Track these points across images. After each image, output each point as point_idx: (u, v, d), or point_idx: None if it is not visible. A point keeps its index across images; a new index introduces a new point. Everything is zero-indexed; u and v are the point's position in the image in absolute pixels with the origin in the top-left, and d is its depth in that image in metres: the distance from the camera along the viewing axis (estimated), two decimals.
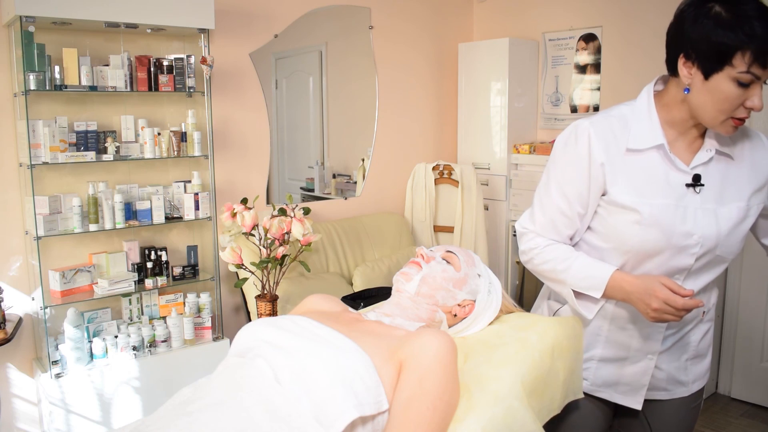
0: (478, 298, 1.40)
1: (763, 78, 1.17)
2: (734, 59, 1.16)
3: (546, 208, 1.39)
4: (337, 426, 1.03)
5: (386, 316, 1.35)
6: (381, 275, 3.29)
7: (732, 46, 1.15)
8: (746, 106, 1.20)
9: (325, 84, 3.59)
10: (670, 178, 1.29)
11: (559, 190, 1.36)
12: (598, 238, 1.39)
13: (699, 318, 1.45)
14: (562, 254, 1.37)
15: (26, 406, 2.71)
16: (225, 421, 1.04)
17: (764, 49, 1.14)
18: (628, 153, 1.30)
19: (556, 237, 1.40)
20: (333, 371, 1.08)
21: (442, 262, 1.39)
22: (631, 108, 1.35)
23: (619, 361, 1.46)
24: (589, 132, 1.31)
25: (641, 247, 1.31)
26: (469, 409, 1.14)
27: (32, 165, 2.48)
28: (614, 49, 3.51)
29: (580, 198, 1.34)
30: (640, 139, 1.30)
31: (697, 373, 1.51)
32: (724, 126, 1.24)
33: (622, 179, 1.30)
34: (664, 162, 1.30)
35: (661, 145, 1.29)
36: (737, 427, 2.97)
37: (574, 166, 1.33)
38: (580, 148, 1.32)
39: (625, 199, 1.29)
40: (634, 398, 1.47)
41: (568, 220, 1.37)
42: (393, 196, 3.88)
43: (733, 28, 1.15)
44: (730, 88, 1.18)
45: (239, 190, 3.22)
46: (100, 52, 2.72)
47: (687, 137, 1.33)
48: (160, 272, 2.82)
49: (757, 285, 3.12)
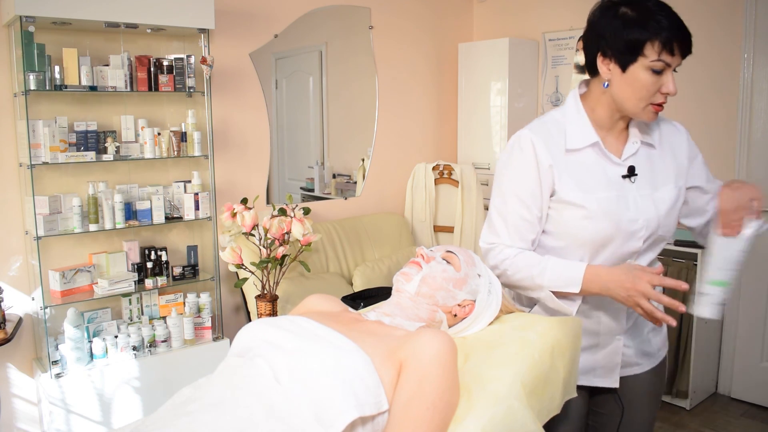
0: (478, 298, 1.40)
1: (673, 64, 1.31)
2: (645, 50, 1.29)
3: (507, 218, 1.45)
4: (337, 426, 1.03)
5: (386, 316, 1.35)
6: (381, 275, 3.29)
7: (641, 40, 1.29)
8: (662, 91, 1.33)
9: (325, 84, 3.59)
10: (608, 171, 1.41)
11: (515, 197, 1.44)
12: (552, 239, 1.47)
13: None
14: (533, 260, 1.43)
15: (26, 406, 2.71)
16: (225, 420, 1.04)
17: (669, 38, 1.28)
18: (567, 153, 1.41)
19: (522, 244, 1.46)
20: (333, 371, 1.08)
21: (442, 262, 1.39)
22: (561, 112, 1.46)
23: (592, 348, 1.54)
24: (532, 138, 1.40)
25: (594, 239, 1.40)
26: (469, 409, 1.14)
27: (32, 165, 2.48)
28: None
29: (536, 201, 1.42)
30: (576, 139, 1.41)
31: (659, 342, 1.60)
32: (646, 112, 1.36)
33: (567, 178, 1.40)
34: (601, 158, 1.41)
35: (596, 142, 1.41)
36: (737, 427, 2.97)
37: (525, 172, 1.41)
38: (527, 154, 1.41)
39: (572, 196, 1.39)
40: (610, 378, 1.55)
41: (529, 224, 1.44)
42: (393, 196, 3.88)
43: (640, 23, 1.29)
44: (645, 77, 1.31)
45: (239, 190, 3.22)
46: (100, 52, 2.72)
47: (614, 132, 1.44)
48: (160, 272, 2.82)
49: (757, 285, 3.12)
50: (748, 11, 3.01)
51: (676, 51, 1.30)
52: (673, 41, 1.29)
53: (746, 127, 3.08)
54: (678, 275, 3.06)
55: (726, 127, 3.15)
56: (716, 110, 3.17)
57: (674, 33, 1.28)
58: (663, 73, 1.31)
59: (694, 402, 3.14)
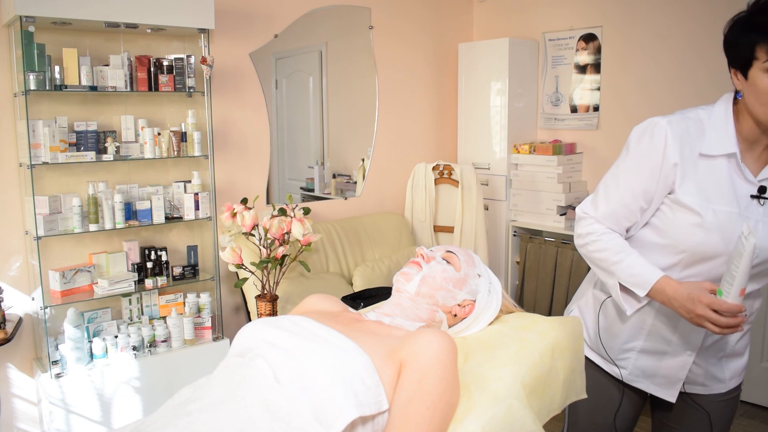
0: (478, 298, 1.40)
1: None
2: (757, 52, 1.22)
3: (611, 198, 1.41)
4: (337, 426, 1.03)
5: (386, 316, 1.35)
6: (381, 275, 3.29)
7: (751, 41, 1.22)
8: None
9: (325, 84, 3.59)
10: (736, 186, 1.32)
11: (627, 182, 1.39)
12: (655, 235, 1.41)
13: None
14: (617, 246, 1.40)
15: (26, 406, 2.71)
16: (225, 420, 1.04)
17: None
18: (700, 157, 1.33)
19: (614, 227, 1.42)
20: (333, 371, 1.08)
21: (442, 262, 1.39)
22: (708, 113, 1.37)
23: (659, 354, 1.49)
24: (666, 131, 1.33)
25: (698, 249, 1.34)
26: (469, 409, 1.14)
27: (32, 165, 2.48)
28: (614, 49, 3.51)
29: (646, 193, 1.37)
30: (714, 145, 1.32)
31: (734, 370, 1.54)
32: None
33: (691, 181, 1.33)
34: (734, 171, 1.32)
35: (733, 153, 1.32)
36: (737, 427, 2.97)
37: (647, 161, 1.35)
38: (656, 145, 1.34)
39: (690, 200, 1.32)
40: (669, 391, 1.51)
41: (629, 212, 1.40)
42: (393, 196, 3.88)
43: (749, 25, 1.24)
44: (764, 81, 1.22)
45: (239, 190, 3.22)
46: (100, 52, 2.72)
47: (757, 148, 1.35)
48: (160, 272, 2.82)
49: None
50: None
51: None
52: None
53: None
54: None
55: None
56: None
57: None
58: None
59: None
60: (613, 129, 3.56)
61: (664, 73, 3.32)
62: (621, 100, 3.49)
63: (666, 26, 3.28)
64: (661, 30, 3.30)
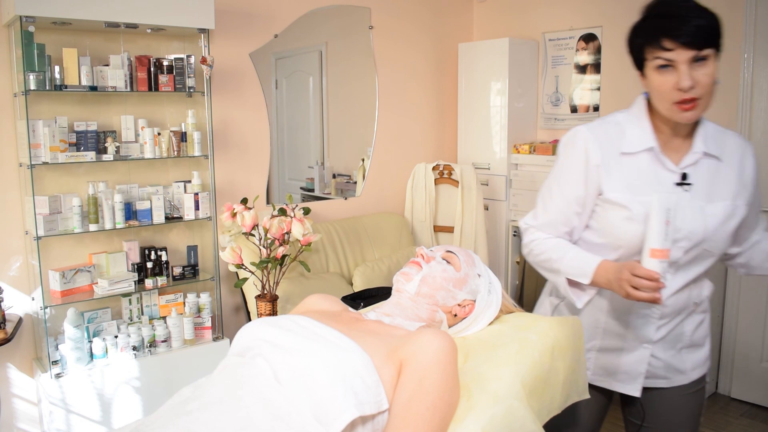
0: (478, 298, 1.40)
1: (678, 59, 1.28)
2: (645, 52, 1.34)
3: (548, 207, 1.51)
4: (337, 425, 1.03)
5: (386, 316, 1.35)
6: (381, 275, 3.29)
7: (640, 42, 1.35)
8: (675, 88, 1.30)
9: (325, 84, 3.59)
10: (660, 177, 1.40)
11: (559, 190, 1.48)
12: (595, 235, 1.49)
13: (691, 309, 1.51)
14: (557, 245, 1.49)
15: (26, 406, 2.71)
16: (225, 420, 1.04)
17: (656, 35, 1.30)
18: (622, 156, 1.41)
19: (555, 234, 1.51)
20: (333, 370, 1.08)
21: (442, 262, 1.39)
22: (626, 115, 1.47)
23: (617, 350, 1.54)
24: (586, 137, 1.42)
25: (632, 241, 1.40)
26: (469, 409, 1.14)
27: (32, 165, 2.48)
28: (614, 49, 3.51)
29: (578, 198, 1.45)
30: (633, 142, 1.41)
31: (695, 361, 1.57)
32: (674, 112, 1.34)
33: (616, 179, 1.41)
34: (655, 163, 1.40)
35: (652, 147, 1.40)
36: (737, 427, 2.97)
37: (573, 168, 1.45)
38: (578, 151, 1.43)
39: (617, 196, 1.40)
40: (632, 386, 1.54)
41: (566, 218, 1.48)
42: (393, 196, 3.88)
43: (639, 31, 1.36)
44: (655, 77, 1.34)
45: (239, 190, 3.22)
46: (100, 52, 2.72)
47: (677, 140, 1.42)
48: (160, 272, 2.82)
49: (757, 285, 3.12)
50: (748, 11, 3.01)
51: (671, 44, 1.28)
52: (661, 37, 1.29)
53: (746, 127, 3.08)
54: None
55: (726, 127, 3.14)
56: (716, 110, 3.17)
57: (660, 28, 1.29)
58: (674, 69, 1.30)
59: None
60: None
61: None
62: (621, 100, 3.49)
63: None
64: None
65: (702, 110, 1.34)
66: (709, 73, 1.29)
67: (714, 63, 1.30)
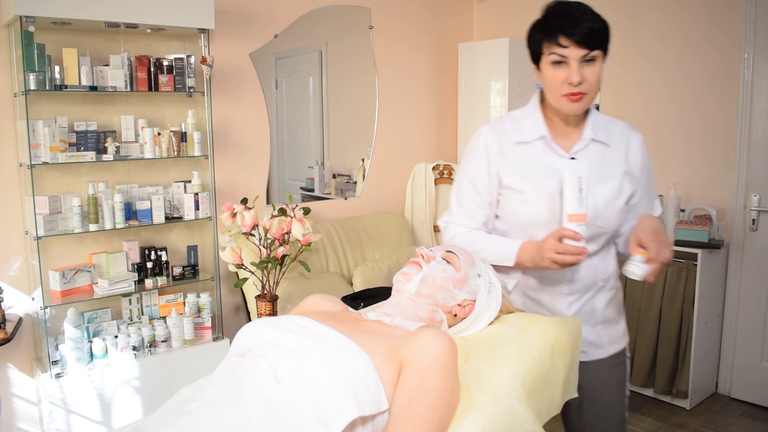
0: (478, 298, 1.40)
1: (571, 56, 1.42)
2: (543, 47, 1.46)
3: (461, 200, 1.62)
4: (337, 425, 1.03)
5: (386, 316, 1.35)
6: (381, 275, 3.29)
7: (538, 38, 1.48)
8: (567, 82, 1.44)
9: (325, 84, 3.59)
10: (552, 163, 1.52)
11: (469, 183, 1.60)
12: (501, 223, 1.61)
13: (600, 285, 1.61)
14: (479, 237, 1.60)
15: (26, 406, 2.71)
16: (225, 420, 1.04)
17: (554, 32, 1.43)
18: (517, 145, 1.55)
19: (472, 224, 1.62)
20: (333, 371, 1.08)
21: (443, 262, 1.39)
22: (522, 110, 1.61)
23: None
24: (485, 132, 1.58)
25: (530, 222, 1.53)
26: (469, 409, 1.14)
27: (32, 165, 2.48)
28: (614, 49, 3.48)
29: (485, 187, 1.58)
30: (527, 132, 1.55)
31: (611, 336, 1.66)
32: (562, 103, 1.47)
33: (513, 166, 1.54)
34: (547, 150, 1.54)
35: (544, 136, 1.53)
36: (737, 427, 2.97)
37: (476, 161, 1.59)
38: (479, 145, 1.58)
39: (512, 181, 1.53)
40: None
41: (479, 207, 1.60)
42: (393, 196, 3.88)
43: (538, 26, 1.49)
44: (550, 71, 1.46)
45: (239, 190, 3.22)
46: (100, 52, 2.72)
47: (568, 129, 1.55)
48: (160, 272, 2.82)
49: (757, 285, 3.12)
50: (748, 11, 3.01)
51: (567, 42, 1.41)
52: (558, 34, 1.42)
53: (746, 127, 3.08)
54: (678, 275, 3.06)
55: (726, 127, 3.15)
56: (716, 110, 3.17)
57: (558, 27, 1.42)
58: (566, 65, 1.43)
59: (694, 402, 3.14)
60: None
61: (663, 73, 3.32)
62: (621, 99, 3.49)
63: (665, 26, 3.28)
64: (661, 30, 3.30)
65: (587, 103, 1.48)
66: (596, 72, 1.44)
67: (600, 64, 1.45)
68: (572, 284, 1.57)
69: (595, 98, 1.51)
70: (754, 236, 3.11)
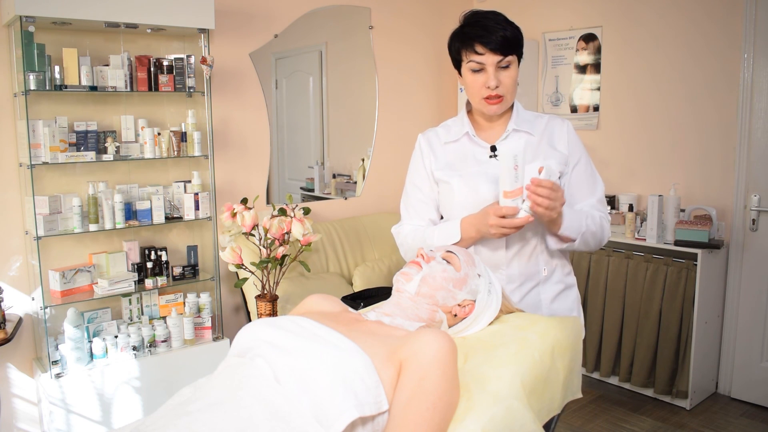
0: (478, 298, 1.40)
1: (488, 63, 1.56)
2: (462, 55, 1.61)
3: (409, 203, 1.77)
4: (337, 426, 1.03)
5: (386, 316, 1.35)
6: (381, 275, 3.29)
7: (457, 46, 1.62)
8: (485, 86, 1.57)
9: (325, 84, 3.59)
10: (476, 154, 1.67)
11: (412, 184, 1.77)
12: (445, 215, 1.73)
13: (542, 276, 1.68)
14: (424, 230, 1.71)
15: (26, 406, 2.71)
16: (224, 420, 1.04)
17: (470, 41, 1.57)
18: (446, 144, 1.72)
19: (420, 222, 1.74)
20: (333, 371, 1.08)
21: (443, 262, 1.39)
22: (453, 119, 1.77)
23: None
24: (420, 139, 1.76)
25: (461, 205, 1.63)
26: (469, 409, 1.14)
27: (32, 165, 2.48)
28: (614, 49, 3.51)
29: (426, 184, 1.73)
30: (454, 132, 1.72)
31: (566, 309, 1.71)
32: (483, 105, 1.62)
33: (441, 161, 1.70)
34: (472, 144, 1.69)
35: (467, 132, 1.69)
36: (737, 427, 2.97)
37: (415, 164, 1.77)
38: (416, 151, 1.77)
39: (441, 174, 1.69)
40: None
41: (424, 204, 1.74)
42: (393, 196, 3.88)
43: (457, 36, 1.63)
44: (469, 76, 1.61)
45: (239, 190, 3.22)
46: (100, 52, 2.72)
47: (492, 125, 1.69)
48: (160, 272, 2.82)
49: (757, 285, 3.12)
50: (748, 11, 3.01)
51: (482, 50, 1.55)
52: (474, 42, 1.55)
53: (746, 127, 3.08)
54: (678, 275, 3.06)
55: (726, 128, 3.15)
56: (716, 110, 3.17)
57: (473, 36, 1.55)
58: (484, 71, 1.57)
59: (694, 402, 3.14)
60: (613, 129, 3.56)
61: (662, 74, 3.32)
62: (621, 99, 3.49)
63: (665, 26, 3.28)
64: (661, 30, 3.30)
65: (506, 105, 1.62)
66: (511, 76, 1.58)
67: (515, 68, 1.59)
68: (509, 269, 1.64)
69: (513, 100, 1.64)
70: (754, 236, 3.11)
